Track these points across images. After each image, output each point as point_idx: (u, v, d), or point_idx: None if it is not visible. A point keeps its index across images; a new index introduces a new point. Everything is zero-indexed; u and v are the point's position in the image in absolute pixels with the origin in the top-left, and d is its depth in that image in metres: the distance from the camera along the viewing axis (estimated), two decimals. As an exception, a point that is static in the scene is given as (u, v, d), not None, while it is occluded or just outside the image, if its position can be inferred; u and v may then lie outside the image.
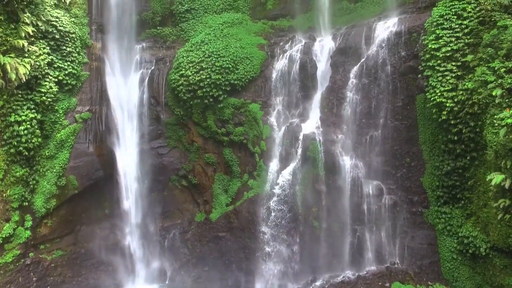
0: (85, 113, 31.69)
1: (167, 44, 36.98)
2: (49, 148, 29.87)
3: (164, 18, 37.81)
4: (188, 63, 32.05)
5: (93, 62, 32.78)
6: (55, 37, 29.69)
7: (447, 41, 24.59)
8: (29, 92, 28.15)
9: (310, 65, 31.01)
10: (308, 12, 37.04)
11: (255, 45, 33.28)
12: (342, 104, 29.64)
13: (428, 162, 27.20)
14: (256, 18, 38.54)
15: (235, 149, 32.77)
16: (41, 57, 28.36)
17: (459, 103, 23.84)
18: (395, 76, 28.44)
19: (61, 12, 30.49)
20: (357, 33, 30.62)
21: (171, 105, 33.81)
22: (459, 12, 24.76)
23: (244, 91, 32.43)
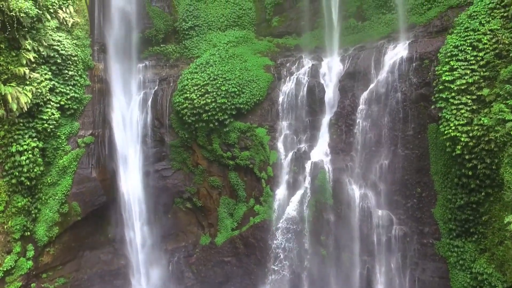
0: (87, 138, 30.73)
1: (170, 63, 35.95)
2: (51, 175, 28.94)
3: (167, 35, 36.80)
4: (192, 86, 31.06)
5: (95, 84, 31.76)
6: (57, 61, 28.67)
7: (462, 74, 23.67)
8: (31, 120, 27.20)
9: (318, 89, 30.08)
10: (315, 30, 36.07)
11: (261, 67, 32.31)
12: (351, 131, 28.73)
13: (439, 193, 26.34)
14: (261, 35, 37.60)
15: (241, 173, 31.89)
16: (42, 83, 27.37)
17: (474, 138, 22.95)
18: (406, 103, 27.51)
19: (63, 35, 29.42)
20: (366, 56, 29.65)
21: (175, 127, 32.85)
22: (475, 43, 23.82)
23: (250, 115, 31.49)
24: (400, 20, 31.54)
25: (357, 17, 35.20)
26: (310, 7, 36.52)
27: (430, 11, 29.95)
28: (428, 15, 29.91)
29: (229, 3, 37.65)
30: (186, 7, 36.51)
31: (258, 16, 38.09)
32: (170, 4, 37.08)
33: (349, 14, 35.40)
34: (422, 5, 30.73)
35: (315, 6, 36.36)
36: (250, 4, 37.82)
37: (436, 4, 29.97)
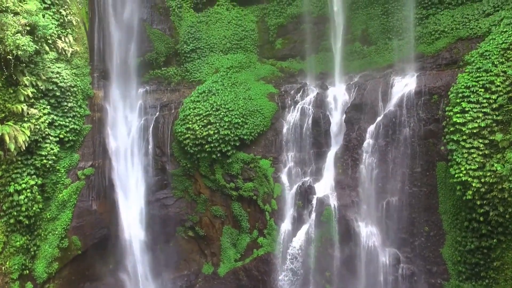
0: (88, 169, 29.81)
1: (172, 87, 34.96)
2: (51, 210, 28.05)
3: (168, 58, 35.83)
4: (194, 116, 30.10)
5: (95, 113, 30.78)
6: (56, 94, 27.68)
7: (474, 117, 22.75)
8: (29, 157, 26.20)
9: (323, 121, 29.14)
10: (319, 53, 35.06)
11: (265, 95, 31.32)
12: (358, 166, 27.84)
13: (448, 233, 25.54)
14: (264, 56, 36.61)
15: (244, 204, 31.02)
16: (41, 119, 26.37)
17: (486, 184, 22.07)
18: (414, 139, 26.59)
19: (61, 65, 28.38)
20: (373, 87, 28.67)
21: (177, 156, 31.93)
22: (487, 85, 22.87)
23: (254, 145, 30.57)
24: (407, 48, 30.53)
25: (363, 41, 34.16)
26: (314, 29, 35.44)
27: (439, 42, 28.92)
28: (437, 45, 28.89)
29: (231, 24, 36.57)
30: (187, 29, 35.43)
31: (261, 38, 37.03)
32: (171, 26, 36.00)
33: (354, 38, 34.37)
34: (430, 34, 29.70)
35: (320, 29, 35.31)
36: (253, 25, 36.74)
37: (444, 35, 28.95)
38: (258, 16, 37.37)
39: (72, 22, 29.55)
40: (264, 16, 37.29)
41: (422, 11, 31.42)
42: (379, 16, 33.31)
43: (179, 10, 36.02)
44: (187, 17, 36.21)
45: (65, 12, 29.07)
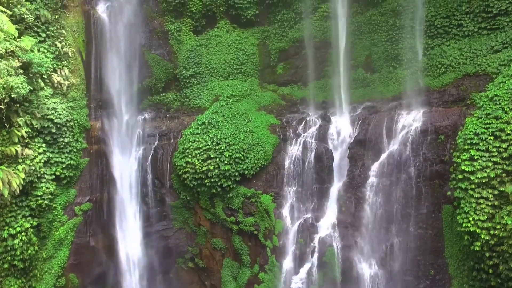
0: (85, 204, 28.87)
1: (171, 114, 33.83)
2: (47, 249, 27.14)
3: (167, 83, 34.70)
4: (194, 150, 29.05)
5: (92, 146, 29.79)
6: (51, 131, 26.68)
7: (483, 166, 21.70)
8: (24, 198, 25.26)
9: (326, 156, 28.12)
10: (321, 79, 33.93)
11: (266, 127, 30.25)
12: (361, 205, 26.87)
13: (454, 279, 24.64)
14: (265, 81, 35.46)
15: (245, 238, 30.08)
16: (36, 159, 25.36)
17: (496, 237, 21.11)
18: (419, 179, 25.62)
19: (57, 100, 27.36)
20: (377, 122, 27.61)
21: (176, 188, 30.93)
22: (497, 133, 21.81)
23: (255, 179, 29.56)
24: (412, 79, 29.45)
25: (366, 67, 33.03)
26: (316, 54, 34.28)
27: (445, 76, 27.81)
28: (443, 80, 27.76)
29: (231, 48, 35.38)
30: (187, 54, 34.25)
31: (262, 61, 35.87)
32: (170, 51, 34.82)
33: (357, 64, 33.23)
34: (436, 68, 28.60)
35: (322, 54, 34.15)
36: (254, 48, 35.55)
37: (451, 69, 27.86)
38: (259, 39, 36.16)
39: (68, 54, 28.43)
40: (265, 38, 36.08)
41: (428, 40, 30.27)
42: (383, 42, 32.15)
43: (178, 33, 34.81)
44: (186, 40, 35.00)
45: (60, 44, 27.94)
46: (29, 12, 26.32)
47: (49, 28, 27.55)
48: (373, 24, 32.85)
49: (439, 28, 30.01)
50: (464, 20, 29.15)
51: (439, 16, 30.10)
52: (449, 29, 29.62)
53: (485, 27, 28.09)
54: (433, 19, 30.30)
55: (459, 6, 29.52)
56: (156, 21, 34.65)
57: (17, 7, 25.51)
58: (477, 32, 28.31)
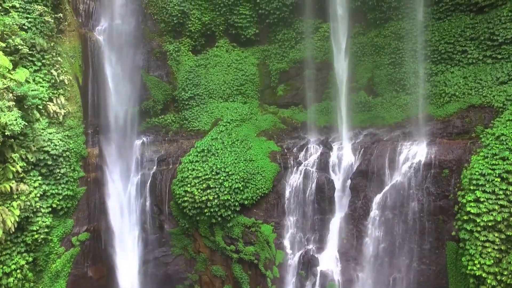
0: (82, 234, 28.14)
1: (170, 137, 33.05)
2: (44, 282, 26.42)
3: (166, 105, 33.85)
4: (193, 179, 28.30)
5: (90, 174, 28.96)
6: (47, 163, 25.80)
7: (489, 209, 20.98)
8: (19, 234, 24.49)
9: (327, 187, 27.37)
10: (323, 101, 33.16)
11: (266, 154, 29.49)
12: (363, 238, 26.19)
13: (458, 317, 23.86)
14: (265, 102, 34.70)
15: (245, 266, 29.44)
16: (31, 194, 24.53)
17: (503, 283, 20.41)
18: (422, 214, 24.90)
19: (53, 130, 26.51)
20: (380, 153, 26.84)
21: (175, 215, 30.23)
22: (504, 174, 21.07)
23: (255, 208, 28.88)
24: (415, 106, 28.68)
25: (368, 90, 32.24)
26: (318, 75, 33.51)
27: (449, 106, 27.02)
28: (447, 109, 26.99)
29: (231, 68, 34.53)
30: (185, 75, 33.43)
31: (262, 82, 35.08)
32: (169, 71, 33.96)
33: (359, 86, 32.43)
34: (440, 96, 27.81)
35: (323, 75, 33.37)
36: (254, 68, 34.70)
37: (455, 99, 27.06)
38: (259, 58, 35.34)
39: (64, 81, 27.56)
40: (265, 58, 35.25)
41: (432, 66, 29.45)
42: (386, 65, 31.36)
43: (177, 54, 33.93)
44: (185, 61, 34.16)
45: (56, 72, 27.04)
46: (24, 42, 25.35)
47: (44, 56, 26.61)
48: (375, 46, 32.01)
49: (443, 53, 29.16)
50: (469, 46, 28.30)
51: (443, 41, 29.26)
52: (453, 55, 28.80)
53: (490, 55, 27.25)
54: (437, 44, 29.44)
55: (463, 31, 28.67)
56: (155, 42, 33.74)
57: (12, 38, 24.60)
58: (482, 60, 27.47)
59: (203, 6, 34.73)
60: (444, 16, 30.19)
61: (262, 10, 34.44)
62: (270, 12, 34.41)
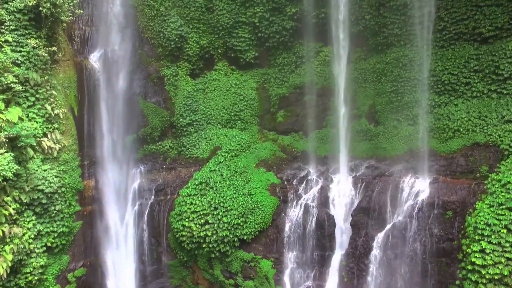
0: (79, 270, 27.51)
1: (167, 164, 32.31)
2: (39, 321, 25.62)
3: (164, 131, 33.04)
4: (191, 213, 27.64)
5: (86, 207, 28.29)
6: (42, 202, 24.97)
7: (495, 261, 20.33)
8: (12, 278, 23.80)
9: (328, 223, 26.74)
10: (323, 129, 32.35)
11: (266, 187, 28.77)
12: (364, 277, 25.53)
13: None
14: (265, 128, 33.90)
15: (244, 300, 28.72)
16: (25, 237, 23.75)
17: (507, 338, 19.66)
18: (425, 256, 24.27)
19: (48, 166, 25.73)
20: (382, 189, 26.15)
21: (173, 247, 29.58)
22: (510, 226, 20.30)
23: (254, 243, 28.27)
24: (418, 139, 27.86)
25: (369, 118, 31.43)
26: (318, 102, 32.65)
27: (453, 142, 26.26)
28: (451, 145, 26.21)
29: (230, 93, 33.69)
30: (183, 100, 32.59)
31: (262, 107, 34.22)
32: (166, 97, 33.10)
33: (360, 113, 31.65)
34: (444, 131, 27.03)
35: (324, 101, 32.54)
36: (253, 93, 33.86)
37: (459, 135, 26.27)
38: (259, 82, 34.48)
39: (59, 115, 26.72)
40: (265, 82, 34.38)
41: (435, 97, 28.62)
42: (388, 93, 30.52)
43: (175, 78, 33.06)
44: (183, 85, 33.29)
45: (50, 106, 26.20)
46: (17, 78, 24.47)
47: (38, 91, 25.78)
48: (377, 72, 31.16)
49: (446, 84, 28.34)
50: (473, 78, 27.46)
51: (447, 71, 28.42)
52: (457, 86, 27.98)
53: (495, 89, 26.40)
54: (440, 74, 28.61)
55: (467, 62, 27.83)
56: (152, 67, 32.85)
57: (4, 75, 23.73)
58: (487, 94, 26.66)
59: (201, 29, 33.76)
60: (447, 45, 29.29)
61: (262, 33, 33.51)
62: (270, 35, 33.48)
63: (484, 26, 27.63)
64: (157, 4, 32.43)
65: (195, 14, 33.36)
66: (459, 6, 28.65)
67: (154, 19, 32.60)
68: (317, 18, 32.40)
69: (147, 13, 32.50)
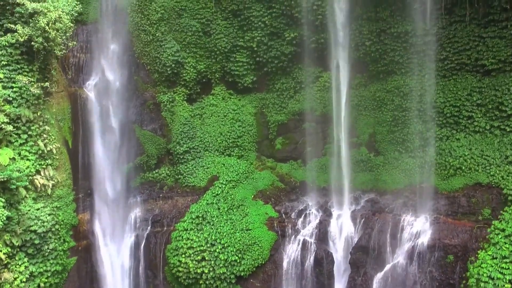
0: (73, 308, 26.74)
1: (164, 193, 31.67)
2: None
3: (160, 158, 32.33)
4: (188, 249, 27.03)
5: (81, 242, 27.76)
6: (35, 242, 24.30)
7: (499, 317, 19.52)
8: (5, 323, 23.06)
9: (326, 261, 26.19)
10: (322, 157, 31.71)
11: (263, 222, 28.23)
12: (364, 319, 24.81)
13: None
14: (263, 154, 33.25)
15: (243, 334, 28.18)
16: (16, 281, 23.15)
17: None
18: (426, 300, 23.46)
19: (41, 205, 25.16)
20: (381, 228, 25.60)
21: (170, 281, 29.03)
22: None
23: (251, 278, 27.75)
24: (419, 173, 27.13)
25: (369, 147, 30.73)
26: (318, 129, 31.92)
27: (455, 180, 25.58)
28: (452, 184, 25.53)
29: (227, 118, 32.96)
30: (180, 128, 31.86)
31: (260, 132, 33.50)
32: (163, 124, 32.40)
33: (360, 142, 30.97)
34: (445, 167, 26.29)
35: (323, 129, 31.81)
36: (251, 118, 33.11)
37: (461, 173, 25.57)
38: (257, 107, 33.74)
39: (52, 151, 26.01)
40: (263, 107, 33.65)
41: (436, 129, 27.92)
42: (388, 122, 29.84)
43: (171, 104, 32.31)
44: (179, 111, 32.52)
45: (43, 142, 25.49)
46: (8, 116, 23.72)
47: (30, 127, 25.07)
48: (378, 100, 30.43)
49: (448, 117, 27.62)
50: (475, 112, 26.72)
51: (449, 103, 27.67)
52: (459, 119, 27.28)
53: (498, 126, 25.66)
54: (442, 106, 27.86)
55: (469, 95, 27.10)
56: (148, 93, 32.12)
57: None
58: (489, 130, 25.85)
59: (198, 53, 32.98)
60: (450, 75, 28.53)
61: (260, 58, 32.74)
62: (268, 60, 32.72)
63: (487, 58, 26.80)
64: (153, 29, 31.52)
65: (192, 39, 32.51)
66: (461, 36, 27.81)
67: (150, 44, 31.75)
68: (316, 43, 31.55)
69: (143, 38, 31.64)
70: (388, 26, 30.04)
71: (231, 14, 33.05)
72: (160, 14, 31.60)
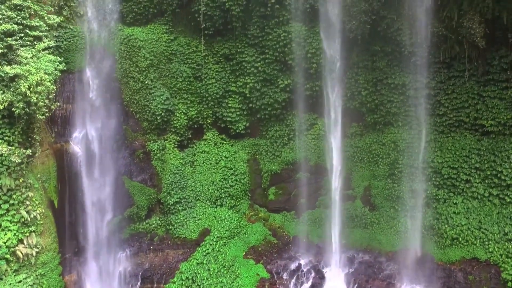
0: None
1: (155, 245, 30.58)
2: None
3: (151, 209, 31.18)
4: (177, 315, 25.89)
5: (68, 306, 26.54)
6: (18, 318, 23.27)
7: None
8: None
9: (319, 331, 24.98)
10: (316, 209, 30.64)
11: (254, 284, 27.23)
12: None
13: None
14: (256, 202, 32.14)
15: None
16: None
17: None
18: None
19: (23, 276, 24.15)
20: (375, 296, 24.36)
21: None
22: None
23: None
24: (414, 236, 26.12)
25: (364, 201, 29.64)
26: (311, 180, 30.82)
27: (451, 251, 24.62)
28: (449, 255, 24.55)
29: (219, 166, 31.79)
30: (171, 177, 30.71)
31: (253, 180, 32.35)
32: (153, 173, 31.22)
33: (355, 194, 29.81)
34: (441, 236, 25.31)
35: (317, 180, 30.72)
36: (244, 167, 31.93)
37: (457, 244, 24.73)
38: (250, 153, 32.55)
39: (36, 217, 24.80)
40: (256, 153, 32.48)
41: (433, 190, 26.73)
42: (385, 177, 28.63)
43: (162, 152, 31.11)
44: (170, 159, 31.34)
45: (25, 210, 24.27)
46: (-13, 189, 22.53)
47: (12, 196, 23.93)
48: (373, 153, 29.17)
49: (446, 178, 26.36)
50: (473, 177, 25.51)
51: (446, 164, 26.46)
52: (457, 182, 26.00)
53: (497, 194, 24.36)
54: (440, 167, 26.62)
55: (467, 157, 25.86)
56: (137, 142, 30.88)
57: (-27, 190, 21.77)
58: (488, 198, 24.59)
59: (189, 99, 31.72)
60: (448, 131, 27.31)
61: (253, 104, 31.42)
62: (261, 107, 31.39)
63: (486, 119, 25.56)
64: (142, 77, 30.19)
65: (182, 84, 31.26)
66: (460, 92, 26.55)
67: (139, 92, 30.46)
68: (311, 90, 30.38)
69: (132, 86, 30.34)
70: (385, 76, 28.74)
71: (223, 58, 31.73)
72: (150, 61, 30.22)
